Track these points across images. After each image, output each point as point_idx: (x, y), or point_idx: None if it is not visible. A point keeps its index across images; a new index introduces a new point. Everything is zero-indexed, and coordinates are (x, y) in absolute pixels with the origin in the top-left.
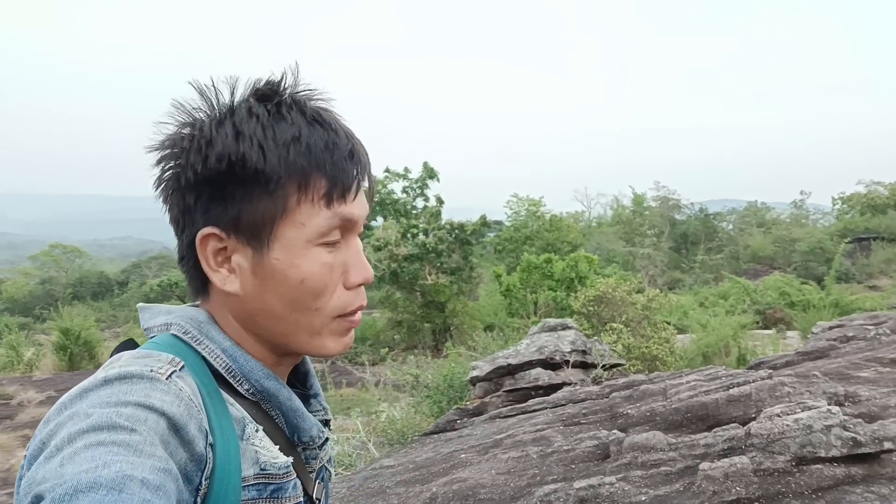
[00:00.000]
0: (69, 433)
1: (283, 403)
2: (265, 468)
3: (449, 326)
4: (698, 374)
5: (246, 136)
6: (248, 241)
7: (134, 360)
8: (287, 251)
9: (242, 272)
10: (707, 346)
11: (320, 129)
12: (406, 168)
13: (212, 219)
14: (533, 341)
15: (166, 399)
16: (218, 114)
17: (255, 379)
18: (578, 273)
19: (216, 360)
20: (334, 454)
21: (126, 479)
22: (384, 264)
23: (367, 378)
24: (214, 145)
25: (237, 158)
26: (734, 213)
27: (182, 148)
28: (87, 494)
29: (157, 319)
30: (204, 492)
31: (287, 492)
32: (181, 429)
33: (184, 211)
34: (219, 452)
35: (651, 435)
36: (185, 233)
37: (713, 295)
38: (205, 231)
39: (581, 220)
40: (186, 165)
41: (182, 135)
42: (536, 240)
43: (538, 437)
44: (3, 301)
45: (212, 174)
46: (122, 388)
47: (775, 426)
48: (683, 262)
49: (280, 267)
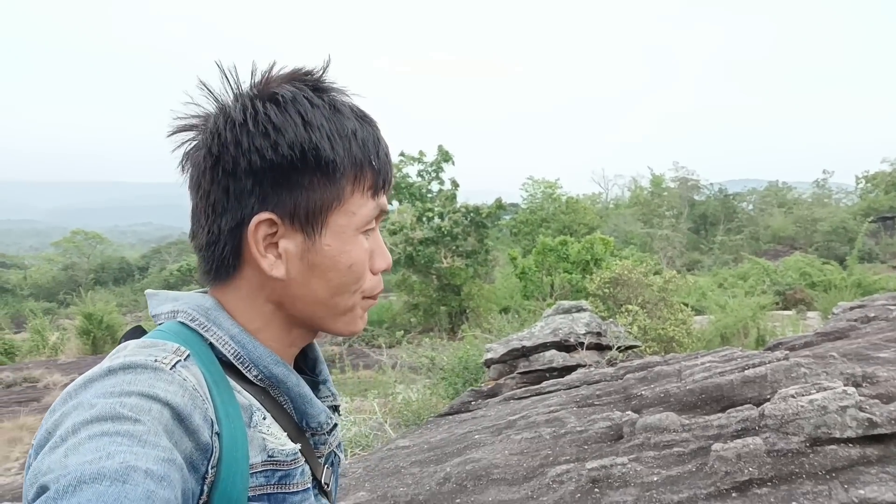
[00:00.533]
0: (73, 423)
1: (291, 389)
2: (273, 455)
3: (465, 309)
4: (713, 356)
5: (314, 126)
6: (302, 227)
7: (139, 349)
8: (338, 238)
9: (289, 258)
10: (725, 328)
11: (367, 125)
12: (421, 151)
13: (269, 204)
14: (547, 323)
15: (170, 389)
16: (272, 98)
17: (263, 365)
18: (594, 255)
19: (224, 347)
20: (352, 435)
21: (130, 469)
22: (400, 248)
23: (384, 360)
24: (284, 132)
25: (310, 147)
26: (754, 193)
27: (230, 130)
28: (90, 485)
29: (164, 307)
30: (211, 480)
31: (295, 478)
32: (185, 418)
33: (232, 194)
34: (225, 440)
35: (664, 416)
36: (225, 216)
37: (732, 276)
38: (262, 216)
39: (598, 201)
40: (248, 149)
41: (226, 115)
42: (552, 222)
43: (551, 419)
44: (29, 287)
45: (282, 161)
46: (126, 377)
47: (789, 407)
48: (702, 244)
49: (331, 253)
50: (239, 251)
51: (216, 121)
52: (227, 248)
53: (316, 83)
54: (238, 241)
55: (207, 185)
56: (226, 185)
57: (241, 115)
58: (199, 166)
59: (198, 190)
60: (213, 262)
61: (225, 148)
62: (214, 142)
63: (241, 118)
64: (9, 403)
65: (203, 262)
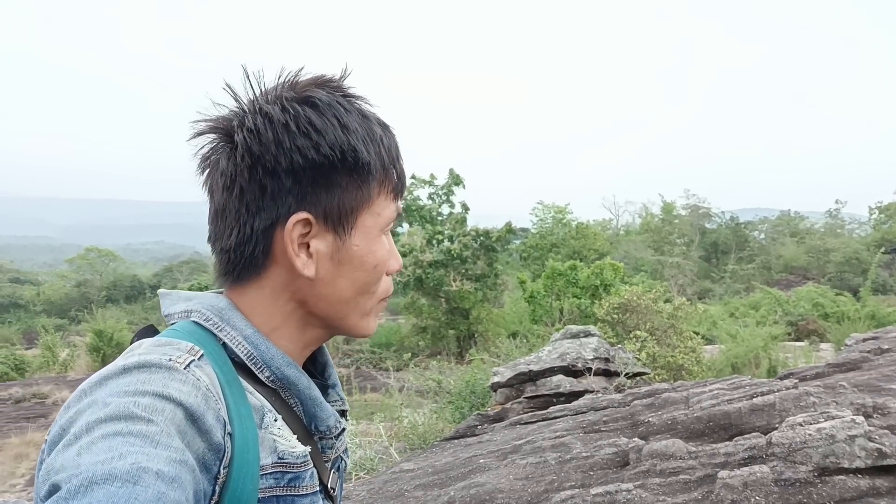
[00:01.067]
0: (87, 422)
1: (302, 392)
2: (283, 457)
3: (473, 333)
4: (722, 383)
5: (351, 129)
6: (334, 227)
7: (153, 348)
8: (365, 238)
9: (320, 257)
10: (736, 357)
11: (389, 133)
12: (432, 175)
13: (306, 204)
14: (555, 348)
15: (184, 389)
16: (309, 102)
17: (275, 366)
18: (604, 280)
19: (238, 347)
20: (357, 458)
21: (141, 471)
22: (409, 270)
23: (392, 384)
24: (325, 134)
25: (348, 149)
26: (766, 221)
27: (271, 129)
28: (102, 486)
29: (177, 306)
30: (222, 480)
31: (304, 481)
32: (198, 419)
33: (269, 193)
34: (237, 441)
35: (671, 442)
36: (261, 215)
37: (744, 305)
38: (300, 216)
39: (608, 227)
40: (290, 149)
41: (265, 116)
42: (562, 247)
43: (557, 444)
44: (41, 303)
45: (323, 161)
46: (140, 377)
47: (797, 435)
48: (714, 272)
49: (359, 252)
50: (269, 251)
51: (255, 120)
52: (259, 247)
53: (344, 90)
54: (270, 240)
55: (245, 184)
56: (264, 184)
57: (282, 115)
58: (235, 165)
59: (231, 190)
60: (241, 262)
61: (265, 147)
62: (255, 140)
63: (283, 119)
64: (17, 419)
65: (226, 263)
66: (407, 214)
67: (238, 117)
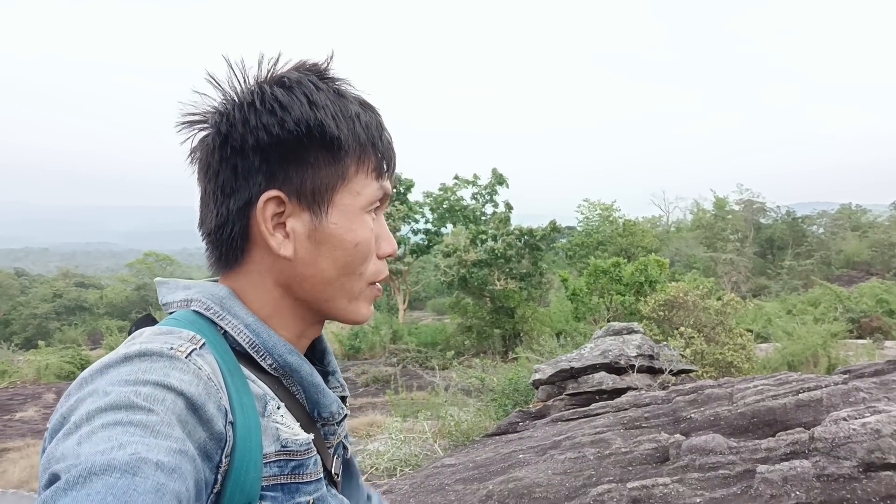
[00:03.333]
0: (88, 411)
1: (304, 379)
2: (286, 445)
3: (519, 332)
4: (768, 379)
5: (320, 105)
6: (308, 205)
7: (155, 336)
8: (344, 216)
9: (297, 237)
10: (792, 356)
11: (370, 111)
12: (475, 175)
13: (276, 182)
14: (597, 345)
15: (185, 378)
16: (278, 82)
17: (278, 354)
18: (648, 277)
19: (240, 335)
20: (402, 455)
21: (140, 461)
22: (453, 270)
23: (437, 382)
24: (290, 110)
25: (315, 124)
26: (825, 216)
27: (238, 110)
28: (101, 477)
29: (175, 295)
30: (225, 469)
31: (308, 468)
32: (199, 408)
33: (240, 173)
34: (239, 430)
35: (710, 437)
36: (234, 197)
37: (802, 302)
38: (270, 194)
39: (658, 224)
40: (255, 126)
41: (234, 99)
42: (609, 245)
43: (597, 440)
44: (105, 305)
45: (289, 137)
46: (141, 365)
47: (841, 430)
48: (769, 268)
49: (338, 231)
50: (247, 233)
51: (225, 104)
52: (235, 229)
53: (321, 73)
54: (246, 222)
55: (217, 165)
56: (234, 164)
57: (248, 96)
58: (207, 147)
59: (206, 172)
60: (222, 245)
61: (233, 126)
62: (223, 121)
63: (249, 98)
64: None
65: (212, 249)
66: (450, 214)
67: (214, 107)
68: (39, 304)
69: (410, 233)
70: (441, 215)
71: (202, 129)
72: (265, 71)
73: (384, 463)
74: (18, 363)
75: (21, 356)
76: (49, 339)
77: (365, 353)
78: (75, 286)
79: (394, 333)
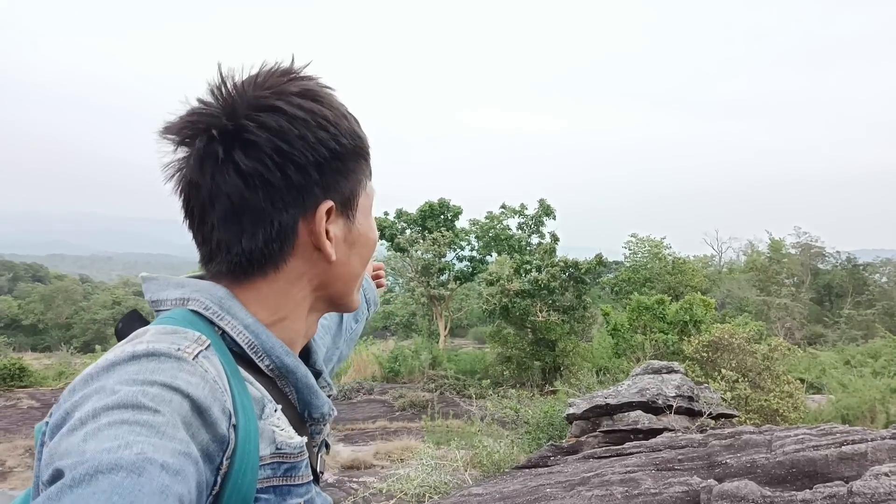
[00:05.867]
0: (94, 407)
1: (300, 380)
2: (281, 448)
3: (559, 366)
4: (810, 429)
5: (350, 118)
6: (344, 210)
7: (161, 336)
8: (363, 216)
9: (336, 241)
10: (847, 409)
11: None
12: (522, 204)
13: (330, 193)
14: (634, 382)
15: (192, 381)
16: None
17: (275, 355)
18: (693, 317)
19: (239, 336)
20: (432, 481)
21: (146, 461)
22: (496, 298)
23: (474, 411)
24: (338, 125)
25: (357, 136)
26: (888, 264)
27: (295, 126)
28: (106, 476)
29: (168, 292)
30: (224, 471)
31: (300, 470)
32: (204, 411)
33: (297, 188)
34: (240, 433)
35: (744, 484)
36: (290, 210)
37: (861, 353)
38: (327, 205)
39: (710, 264)
40: (314, 142)
41: (287, 114)
42: (657, 282)
43: (626, 479)
44: None
45: (344, 150)
46: (149, 365)
47: (881, 485)
48: (827, 316)
49: (363, 230)
50: (293, 243)
51: (269, 118)
52: (288, 242)
53: (318, 80)
54: (294, 233)
55: (275, 180)
56: (294, 179)
57: (300, 111)
58: (259, 163)
59: (254, 188)
60: (263, 259)
61: (292, 143)
62: (281, 139)
63: (302, 115)
64: None
65: (243, 264)
66: (496, 243)
67: (228, 115)
68: (99, 310)
69: (455, 259)
70: (487, 243)
71: (224, 139)
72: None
73: (414, 489)
74: (76, 366)
75: (79, 359)
76: (106, 344)
77: (403, 377)
78: (133, 294)
79: (433, 359)
